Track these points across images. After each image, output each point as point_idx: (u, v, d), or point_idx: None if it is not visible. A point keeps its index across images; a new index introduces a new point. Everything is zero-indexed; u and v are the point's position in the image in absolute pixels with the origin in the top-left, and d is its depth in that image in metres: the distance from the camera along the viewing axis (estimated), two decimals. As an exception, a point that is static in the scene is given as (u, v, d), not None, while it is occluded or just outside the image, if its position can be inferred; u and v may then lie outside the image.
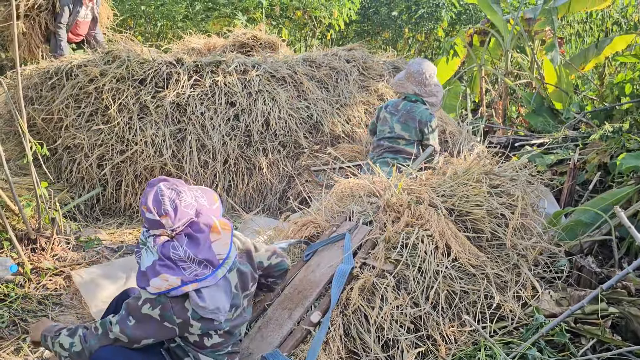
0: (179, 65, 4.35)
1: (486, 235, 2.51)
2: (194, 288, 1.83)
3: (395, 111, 4.06)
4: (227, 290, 1.96)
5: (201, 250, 1.87)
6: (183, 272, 1.83)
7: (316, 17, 9.05)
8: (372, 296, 2.30)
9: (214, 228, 1.92)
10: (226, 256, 1.92)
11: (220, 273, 1.91)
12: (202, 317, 1.86)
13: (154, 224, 1.87)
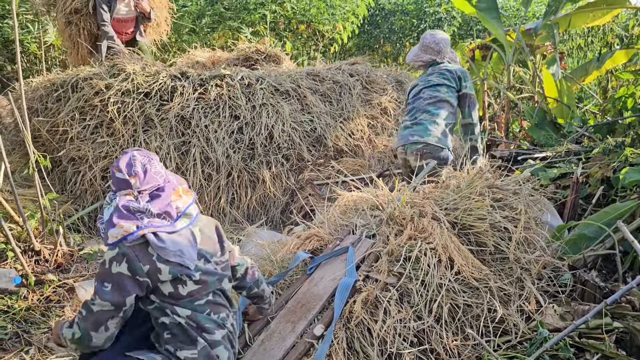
0: (183, 79, 4.39)
1: (489, 249, 2.51)
2: (150, 232, 1.88)
3: (425, 77, 3.91)
4: (191, 241, 1.99)
5: (160, 205, 1.95)
6: (140, 220, 1.88)
7: (319, 30, 9.13)
8: (375, 309, 2.30)
9: (176, 192, 2.02)
10: (185, 209, 2.00)
11: (179, 224, 1.97)
12: (168, 260, 1.89)
13: (122, 183, 1.94)
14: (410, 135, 3.65)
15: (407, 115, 3.85)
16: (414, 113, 3.77)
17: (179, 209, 2.00)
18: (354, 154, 4.66)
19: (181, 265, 1.91)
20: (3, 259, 3.21)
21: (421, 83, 3.87)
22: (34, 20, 6.35)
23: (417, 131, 3.63)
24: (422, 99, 3.78)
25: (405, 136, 3.69)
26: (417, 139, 3.58)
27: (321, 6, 8.92)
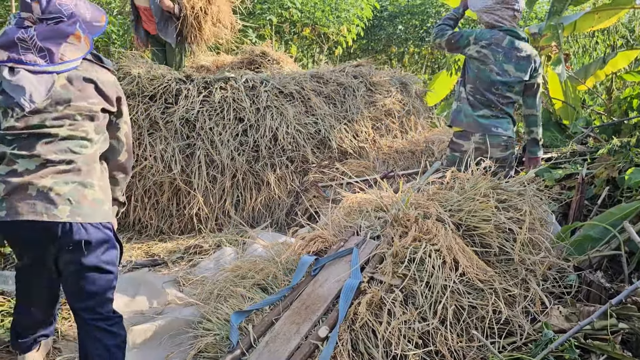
0: (188, 82, 4.41)
1: (494, 250, 2.50)
2: (12, 65, 1.92)
3: (498, 47, 3.43)
4: (48, 84, 1.98)
5: (49, 42, 1.96)
6: (15, 52, 1.93)
7: (324, 33, 9.16)
8: (379, 311, 2.30)
9: (76, 35, 2.01)
10: (68, 60, 2.00)
11: (51, 69, 1.98)
12: (5, 90, 1.93)
13: (26, 6, 1.98)
14: (494, 127, 3.45)
15: (480, 103, 3.47)
16: (490, 105, 3.47)
17: (63, 56, 2.01)
18: (358, 155, 4.67)
19: (14, 99, 1.93)
20: (10, 262, 3.24)
21: (489, 53, 3.42)
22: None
23: (500, 124, 3.46)
24: (498, 96, 3.46)
25: (488, 127, 3.45)
26: (502, 132, 3.45)
27: (326, 9, 8.94)
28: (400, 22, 10.87)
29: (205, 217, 4.29)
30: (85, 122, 2.06)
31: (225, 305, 2.66)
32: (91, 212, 2.00)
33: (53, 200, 1.93)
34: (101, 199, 2.06)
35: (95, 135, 2.10)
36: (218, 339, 2.46)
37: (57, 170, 1.97)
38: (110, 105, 2.15)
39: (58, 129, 2.00)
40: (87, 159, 2.04)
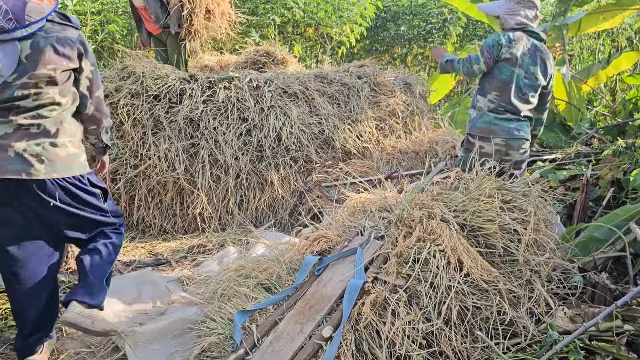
0: (192, 81, 4.41)
1: (498, 251, 2.50)
2: None
3: (524, 49, 3.41)
4: (14, 56, 2.12)
5: (12, 3, 2.09)
6: None
7: (327, 33, 9.15)
8: (383, 311, 2.29)
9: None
10: (35, 21, 2.13)
11: (19, 34, 2.11)
12: None
13: None
14: (516, 130, 3.42)
15: (504, 110, 3.42)
16: (514, 110, 3.43)
17: (30, 18, 2.13)
18: (362, 155, 4.66)
19: None
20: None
21: (524, 71, 3.40)
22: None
23: (521, 127, 3.44)
24: (524, 100, 3.44)
25: (510, 130, 3.42)
26: (523, 135, 3.44)
27: (329, 9, 8.94)
28: (404, 22, 10.85)
29: (208, 216, 4.29)
30: (49, 88, 2.20)
31: (228, 305, 2.65)
32: (65, 167, 2.22)
33: (28, 160, 2.14)
34: (75, 153, 2.27)
35: (62, 98, 2.24)
36: (222, 338, 2.46)
37: (28, 133, 2.16)
38: (72, 63, 2.25)
39: (25, 101, 2.15)
40: (55, 120, 2.22)
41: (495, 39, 3.40)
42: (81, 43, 2.29)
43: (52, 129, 2.21)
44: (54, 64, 2.19)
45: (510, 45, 3.36)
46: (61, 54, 2.21)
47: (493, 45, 3.39)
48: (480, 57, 3.43)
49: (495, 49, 3.39)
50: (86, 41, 2.32)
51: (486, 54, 3.41)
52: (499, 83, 3.42)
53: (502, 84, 3.41)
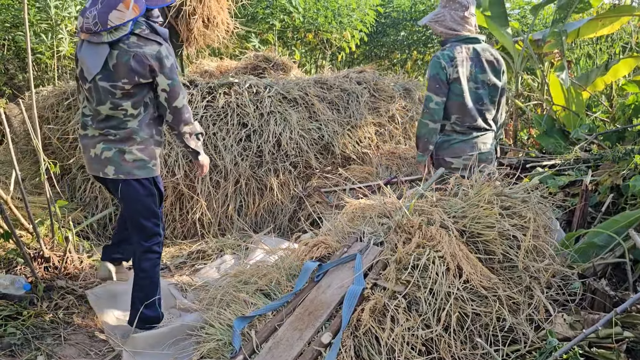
0: (192, 87, 4.42)
1: (498, 257, 2.49)
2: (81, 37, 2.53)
3: (475, 58, 3.26)
4: (101, 57, 2.49)
5: (102, 9, 2.45)
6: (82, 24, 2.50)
7: (327, 39, 9.17)
8: (383, 317, 2.29)
9: (125, 3, 2.46)
10: (116, 25, 2.45)
11: (106, 37, 2.46)
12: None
13: None
14: (482, 143, 3.39)
15: (469, 128, 3.34)
16: (478, 126, 3.36)
17: (110, 22, 2.45)
18: (361, 161, 4.67)
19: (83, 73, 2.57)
20: (13, 265, 3.24)
21: (474, 83, 3.28)
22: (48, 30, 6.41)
23: (488, 138, 3.42)
24: (485, 111, 3.35)
25: (477, 144, 3.37)
26: (489, 146, 3.42)
27: (329, 15, 8.96)
28: (404, 28, 10.88)
29: (208, 222, 4.29)
30: (123, 100, 2.57)
31: (228, 311, 2.64)
32: (128, 170, 2.62)
33: (103, 162, 2.62)
34: (140, 160, 2.64)
35: (134, 110, 2.60)
36: (221, 344, 2.45)
37: (105, 139, 2.62)
38: (143, 79, 2.55)
39: (103, 107, 2.58)
40: (127, 130, 2.61)
41: (436, 65, 3.22)
42: (157, 59, 2.55)
43: (124, 138, 2.60)
44: (126, 79, 2.52)
45: (453, 64, 3.19)
46: (134, 70, 2.51)
47: (437, 73, 3.21)
48: (430, 93, 3.26)
49: (442, 74, 3.21)
50: (165, 56, 2.57)
51: (435, 85, 3.23)
52: (456, 105, 3.28)
53: (458, 105, 3.28)
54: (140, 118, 2.63)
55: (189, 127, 2.71)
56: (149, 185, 2.69)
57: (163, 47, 2.58)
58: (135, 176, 2.64)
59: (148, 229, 2.73)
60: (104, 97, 2.55)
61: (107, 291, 3.21)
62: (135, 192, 2.66)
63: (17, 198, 3.76)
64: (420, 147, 3.40)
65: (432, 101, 3.25)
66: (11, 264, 3.25)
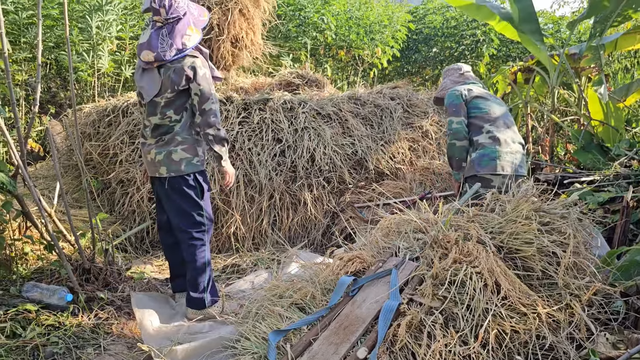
0: (228, 103, 4.51)
1: (537, 274, 2.45)
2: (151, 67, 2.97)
3: (485, 92, 3.65)
4: (156, 81, 2.96)
5: (174, 38, 2.89)
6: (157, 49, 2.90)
7: (359, 55, 9.22)
8: (419, 333, 2.27)
9: (190, 28, 2.94)
10: (189, 48, 2.93)
11: (173, 57, 2.89)
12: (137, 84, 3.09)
13: (155, 11, 2.89)
14: (520, 167, 3.49)
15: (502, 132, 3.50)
16: (510, 138, 3.53)
17: (185, 45, 2.91)
18: (395, 176, 4.66)
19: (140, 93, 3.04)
20: (55, 277, 3.34)
21: (485, 96, 3.62)
22: (89, 49, 6.64)
23: (522, 162, 3.56)
24: (509, 124, 3.60)
25: (514, 166, 3.46)
26: (523, 172, 3.53)
27: (361, 32, 9.03)
28: (435, 44, 10.86)
29: (242, 236, 4.33)
30: (167, 109, 2.97)
31: (263, 324, 2.66)
32: (177, 168, 3.00)
33: (156, 164, 3.02)
34: (185, 158, 3.00)
35: (176, 116, 2.99)
36: (256, 357, 2.47)
37: (157, 145, 3.03)
38: (181, 87, 2.93)
39: (153, 118, 3.02)
40: (172, 136, 3.00)
41: (449, 97, 3.56)
42: (191, 69, 2.92)
43: (169, 140, 3.00)
44: (169, 89, 2.93)
45: (466, 88, 3.55)
46: (173, 81, 2.91)
47: (452, 100, 3.53)
48: (450, 117, 3.52)
49: (456, 99, 3.52)
50: (199, 66, 2.93)
51: (452, 109, 3.51)
52: (485, 117, 3.51)
53: (486, 115, 3.52)
54: (182, 122, 3.00)
55: (213, 130, 2.97)
56: (193, 179, 3.04)
57: (198, 60, 2.96)
58: (183, 172, 3.00)
59: (192, 217, 3.06)
60: (154, 109, 2.99)
61: (151, 298, 3.27)
62: (181, 186, 3.01)
63: (60, 211, 3.89)
64: (454, 166, 3.59)
65: (453, 123, 3.51)
66: (53, 275, 3.35)
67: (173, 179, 3.02)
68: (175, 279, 3.37)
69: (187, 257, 3.12)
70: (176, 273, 3.35)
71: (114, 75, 7.27)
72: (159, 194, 3.20)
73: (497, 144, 3.43)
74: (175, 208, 3.09)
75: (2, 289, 3.09)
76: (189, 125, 3.04)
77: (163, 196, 3.15)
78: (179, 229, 3.12)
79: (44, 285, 3.14)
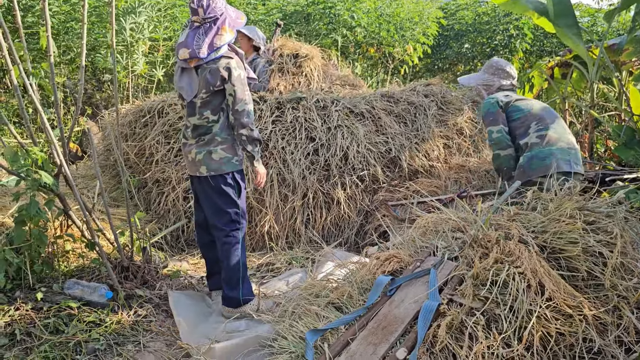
0: (261, 102, 4.52)
1: (582, 275, 2.38)
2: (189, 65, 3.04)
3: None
4: (194, 82, 3.03)
5: (209, 36, 2.94)
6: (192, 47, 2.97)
7: (390, 52, 9.15)
8: (460, 334, 2.23)
9: (224, 28, 2.97)
10: (219, 46, 2.96)
11: (208, 57, 2.95)
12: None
13: (194, 11, 2.96)
14: (574, 163, 3.34)
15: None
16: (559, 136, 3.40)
17: (214, 44, 2.94)
18: (429, 174, 4.60)
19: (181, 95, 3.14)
20: (95, 274, 3.40)
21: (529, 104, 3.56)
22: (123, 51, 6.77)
23: (578, 160, 3.43)
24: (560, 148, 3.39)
25: (569, 163, 3.32)
26: (579, 170, 3.41)
27: (391, 28, 8.95)
28: (467, 40, 10.70)
29: (276, 235, 4.34)
30: (204, 110, 3.03)
31: (300, 323, 2.66)
32: (217, 167, 3.06)
33: (197, 164, 3.09)
34: (225, 157, 3.07)
35: (213, 116, 3.05)
36: (293, 357, 2.46)
37: (196, 145, 3.09)
38: (217, 88, 2.98)
39: (192, 118, 3.09)
40: (212, 136, 3.06)
41: (484, 106, 3.48)
42: (226, 69, 2.96)
43: (209, 141, 3.05)
44: (205, 90, 2.98)
45: (504, 96, 3.48)
46: (209, 82, 2.97)
47: (488, 109, 3.46)
48: (488, 128, 3.46)
49: (492, 108, 3.44)
50: (234, 67, 2.97)
51: (489, 119, 3.44)
52: (529, 116, 3.42)
53: (530, 115, 3.44)
54: (220, 122, 3.05)
55: (246, 130, 3.01)
56: (231, 178, 3.10)
57: (233, 60, 2.99)
58: (223, 171, 3.07)
59: (228, 215, 3.10)
60: (193, 110, 3.07)
61: (188, 296, 3.31)
62: (220, 184, 3.07)
63: (99, 210, 3.96)
64: (504, 177, 3.50)
65: (493, 132, 3.44)
66: (94, 272, 3.41)
67: (213, 177, 3.08)
68: (212, 277, 3.40)
69: (222, 255, 3.15)
70: (212, 271, 3.38)
71: (147, 77, 7.39)
72: (198, 193, 3.25)
73: (546, 141, 3.29)
74: (213, 206, 3.13)
75: (45, 286, 3.16)
76: (227, 126, 3.09)
77: (201, 195, 3.20)
78: (215, 227, 3.16)
79: (85, 282, 3.20)
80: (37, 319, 2.83)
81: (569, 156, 3.30)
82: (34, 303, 2.97)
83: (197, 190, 3.25)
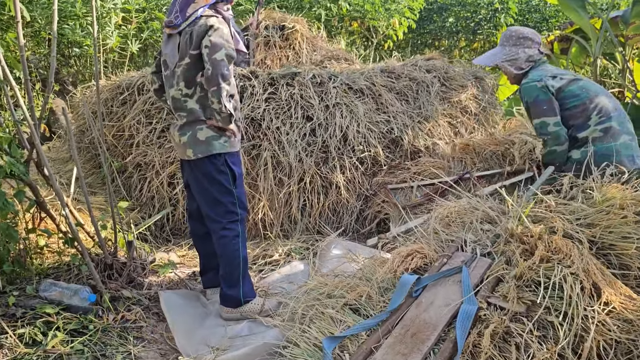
0: (253, 78, 4.13)
1: (634, 273, 2.13)
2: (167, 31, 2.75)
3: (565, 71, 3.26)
4: (175, 47, 2.70)
5: (181, 3, 2.67)
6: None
7: (374, 27, 8.81)
8: (504, 344, 1.97)
9: None
10: (193, 12, 2.64)
11: (183, 27, 2.66)
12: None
13: None
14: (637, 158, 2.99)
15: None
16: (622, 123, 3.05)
17: (188, 13, 2.63)
18: (432, 154, 4.30)
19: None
20: (74, 273, 3.03)
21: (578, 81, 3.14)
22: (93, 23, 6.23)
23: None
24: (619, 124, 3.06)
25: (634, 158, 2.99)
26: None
27: (376, 2, 8.59)
28: (451, 14, 10.41)
29: (270, 222, 4.01)
30: (180, 80, 2.70)
31: (312, 328, 2.36)
32: (204, 148, 2.71)
33: (183, 146, 2.76)
34: (212, 135, 2.71)
35: (187, 89, 2.70)
36: (309, 367, 2.17)
37: (179, 126, 2.78)
38: (195, 50, 2.62)
39: (171, 90, 2.75)
40: (192, 112, 2.72)
41: (530, 90, 3.04)
42: (208, 27, 2.59)
43: (191, 120, 2.73)
44: (185, 55, 2.65)
45: (549, 76, 3.05)
46: (188, 44, 2.63)
47: (537, 95, 3.01)
48: (542, 118, 3.02)
49: (543, 93, 3.00)
50: (214, 22, 2.59)
51: (544, 106, 2.98)
52: (588, 104, 3.02)
53: (590, 102, 3.02)
54: (196, 98, 2.70)
55: (226, 84, 2.57)
56: (222, 163, 2.74)
57: (214, 18, 2.63)
58: (211, 152, 2.71)
59: (223, 205, 2.78)
60: (172, 80, 2.74)
61: (180, 296, 2.98)
62: (210, 171, 2.74)
63: (74, 199, 3.55)
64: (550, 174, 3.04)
65: (549, 125, 3.00)
66: (72, 271, 3.04)
67: (201, 161, 2.73)
68: (206, 273, 3.07)
69: (219, 250, 2.82)
70: (207, 267, 3.04)
71: (119, 51, 6.89)
72: (189, 179, 2.90)
73: (610, 136, 2.93)
74: (205, 195, 2.80)
75: (17, 288, 2.78)
76: (208, 103, 2.70)
77: (192, 182, 2.86)
78: (210, 218, 2.83)
79: (64, 283, 2.82)
80: (10, 329, 2.46)
81: (632, 150, 2.96)
82: (4, 309, 2.60)
83: (187, 177, 2.91)
